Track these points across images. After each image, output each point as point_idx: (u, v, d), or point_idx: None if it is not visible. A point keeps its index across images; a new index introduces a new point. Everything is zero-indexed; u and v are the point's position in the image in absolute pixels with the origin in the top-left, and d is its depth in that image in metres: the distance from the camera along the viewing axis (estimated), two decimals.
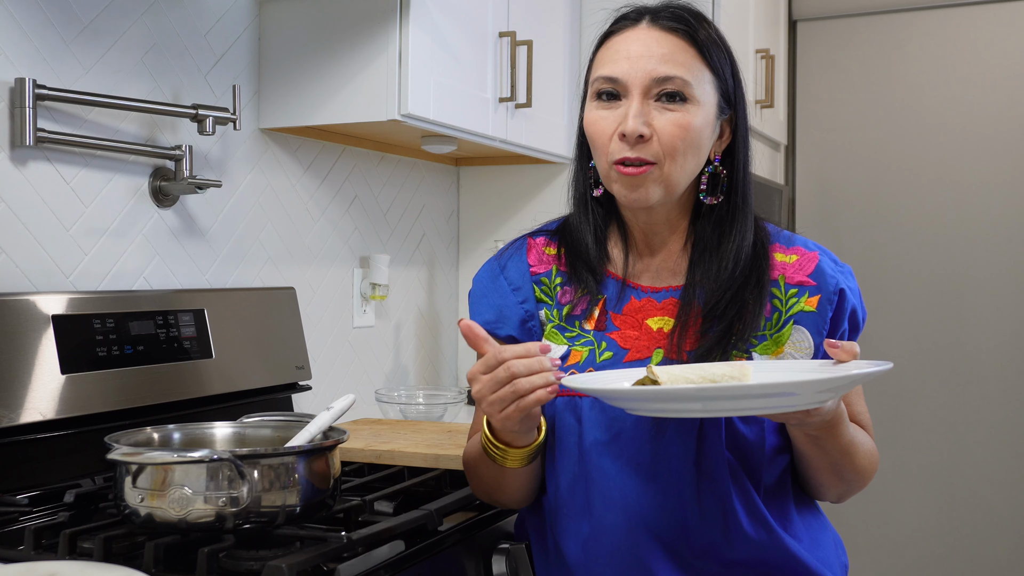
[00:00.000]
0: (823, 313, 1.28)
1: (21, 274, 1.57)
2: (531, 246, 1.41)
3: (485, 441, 1.25)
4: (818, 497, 1.37)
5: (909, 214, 3.38)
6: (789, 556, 1.25)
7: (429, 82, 1.97)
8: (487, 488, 1.34)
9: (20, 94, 1.53)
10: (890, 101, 3.41)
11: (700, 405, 1.07)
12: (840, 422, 1.21)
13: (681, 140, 1.25)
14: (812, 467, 1.29)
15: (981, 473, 3.27)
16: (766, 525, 1.25)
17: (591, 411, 1.27)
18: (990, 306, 3.28)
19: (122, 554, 1.19)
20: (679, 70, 1.26)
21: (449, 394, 2.25)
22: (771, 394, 1.04)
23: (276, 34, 2.03)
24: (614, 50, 1.30)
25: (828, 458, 1.26)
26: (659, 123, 1.25)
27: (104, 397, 1.55)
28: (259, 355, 1.87)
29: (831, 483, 1.31)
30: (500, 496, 1.34)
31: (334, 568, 1.15)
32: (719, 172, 1.33)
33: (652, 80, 1.26)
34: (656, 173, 1.26)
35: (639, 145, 1.25)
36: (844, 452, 1.25)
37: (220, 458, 1.14)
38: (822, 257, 1.33)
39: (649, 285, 1.34)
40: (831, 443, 1.23)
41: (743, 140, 1.34)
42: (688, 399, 1.06)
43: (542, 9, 2.43)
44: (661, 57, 1.26)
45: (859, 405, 1.36)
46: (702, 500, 1.24)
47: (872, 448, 1.33)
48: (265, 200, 2.07)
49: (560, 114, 2.53)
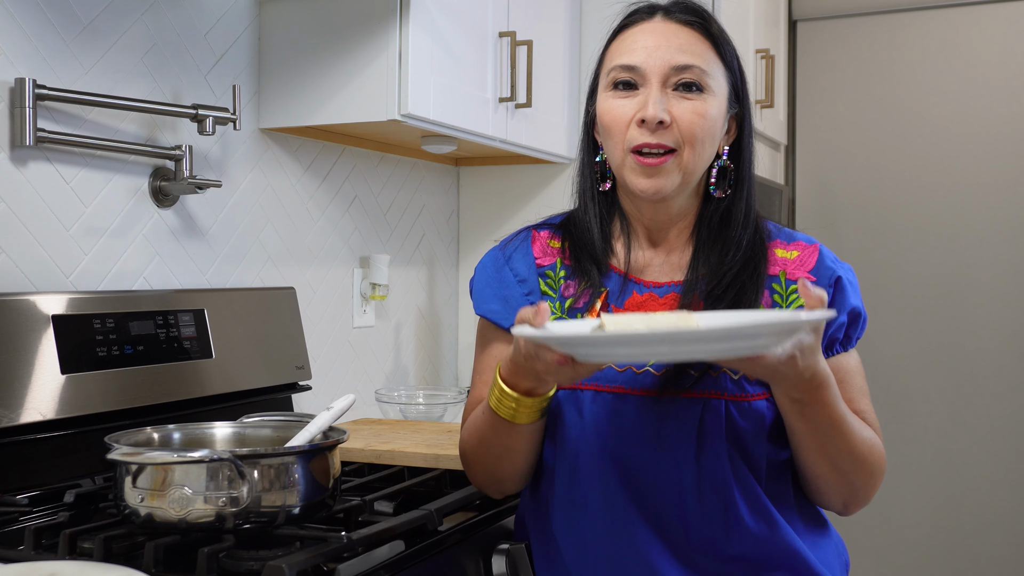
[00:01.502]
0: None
1: (21, 274, 1.57)
2: (535, 238, 1.42)
3: (499, 396, 1.23)
4: (824, 503, 1.32)
5: (909, 214, 3.38)
6: (790, 552, 1.25)
7: (429, 82, 1.97)
8: (491, 462, 1.32)
9: (20, 94, 1.53)
10: (890, 101, 3.41)
11: (641, 349, 1.04)
12: (820, 387, 1.16)
13: (699, 127, 1.27)
14: (805, 450, 1.24)
15: (981, 473, 3.27)
16: (767, 520, 1.25)
17: (592, 404, 1.28)
18: (990, 306, 3.28)
19: (122, 554, 1.19)
20: (696, 59, 1.28)
21: (449, 394, 2.25)
22: (709, 339, 1.02)
23: (276, 34, 2.03)
24: (631, 40, 1.31)
25: (818, 435, 1.21)
26: (678, 111, 1.27)
27: (104, 397, 1.55)
28: (259, 355, 1.87)
29: (830, 477, 1.26)
30: (503, 468, 1.32)
31: (334, 568, 1.15)
32: (727, 166, 1.35)
33: (671, 68, 1.27)
34: (675, 162, 1.27)
35: (659, 131, 1.26)
36: (834, 427, 1.20)
37: (220, 458, 1.14)
38: (823, 250, 1.34)
39: (651, 280, 1.34)
40: (817, 412, 1.18)
41: (749, 135, 1.36)
42: (634, 343, 1.04)
43: (542, 9, 2.43)
44: (679, 47, 1.28)
45: (861, 403, 1.32)
46: (702, 495, 1.24)
47: (874, 440, 1.28)
48: (265, 200, 2.06)
49: (560, 114, 2.53)
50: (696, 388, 1.25)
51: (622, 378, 1.28)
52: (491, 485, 1.37)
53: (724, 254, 1.31)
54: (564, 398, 1.30)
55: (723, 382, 1.25)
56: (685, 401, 1.25)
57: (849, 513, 1.33)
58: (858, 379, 1.33)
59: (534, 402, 1.23)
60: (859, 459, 1.25)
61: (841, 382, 1.28)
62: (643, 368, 1.27)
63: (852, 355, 1.34)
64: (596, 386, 1.29)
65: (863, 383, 1.34)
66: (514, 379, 1.21)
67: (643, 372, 1.27)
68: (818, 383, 1.16)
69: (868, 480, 1.28)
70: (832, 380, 1.18)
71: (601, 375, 1.29)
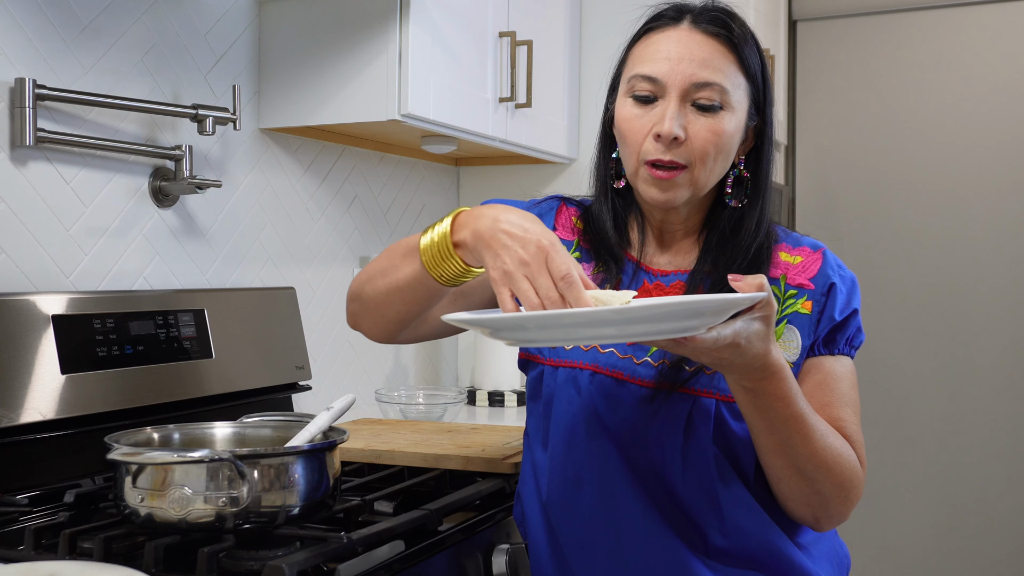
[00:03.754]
0: (814, 314, 1.29)
1: (21, 274, 1.57)
2: (562, 211, 1.43)
3: (440, 240, 1.17)
4: (793, 513, 1.27)
5: (909, 214, 3.38)
6: (776, 551, 1.26)
7: (429, 82, 1.97)
8: (387, 305, 1.27)
9: (20, 94, 1.53)
10: (890, 101, 3.41)
11: (562, 333, 1.02)
12: (772, 376, 1.12)
13: (713, 146, 1.26)
14: (764, 448, 1.20)
15: (981, 473, 3.27)
16: (754, 518, 1.25)
17: (590, 384, 1.30)
18: (990, 305, 3.27)
19: (122, 554, 1.19)
20: (718, 76, 1.26)
21: (449, 394, 2.25)
22: (627, 320, 0.98)
23: (276, 34, 2.03)
24: (654, 48, 1.29)
25: (775, 432, 1.17)
26: (694, 128, 1.25)
27: (104, 397, 1.55)
28: (259, 355, 1.87)
29: (793, 482, 1.21)
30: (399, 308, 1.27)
31: (334, 568, 1.15)
32: (743, 175, 1.34)
33: (691, 84, 1.25)
34: (686, 177, 1.27)
35: (673, 147, 1.25)
36: (791, 424, 1.15)
37: (220, 458, 1.14)
38: (826, 257, 1.33)
39: (660, 269, 1.35)
40: (770, 404, 1.14)
41: (769, 145, 1.34)
42: (550, 326, 1.01)
43: (542, 9, 2.43)
44: (702, 61, 1.26)
45: (841, 411, 1.27)
46: (687, 488, 1.26)
47: (845, 451, 1.22)
48: (265, 200, 2.06)
49: (560, 114, 2.53)
50: (689, 384, 1.26)
51: (622, 364, 1.29)
52: (379, 322, 1.32)
53: (731, 261, 1.30)
54: (563, 377, 1.31)
55: (717, 381, 1.26)
56: (677, 396, 1.26)
57: (822, 528, 1.28)
58: (843, 387, 1.29)
59: (461, 269, 1.17)
60: (823, 466, 1.19)
61: (820, 384, 1.27)
62: (643, 359, 1.29)
63: (841, 361, 1.30)
64: (596, 367, 1.30)
65: (851, 394, 1.29)
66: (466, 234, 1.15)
67: (642, 363, 1.29)
68: (770, 373, 1.11)
69: (838, 492, 1.22)
70: (788, 374, 1.14)
71: (602, 358, 1.30)
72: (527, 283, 1.07)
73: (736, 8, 1.35)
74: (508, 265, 1.08)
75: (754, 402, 1.15)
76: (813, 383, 1.28)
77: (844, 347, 1.30)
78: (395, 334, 1.36)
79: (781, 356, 1.13)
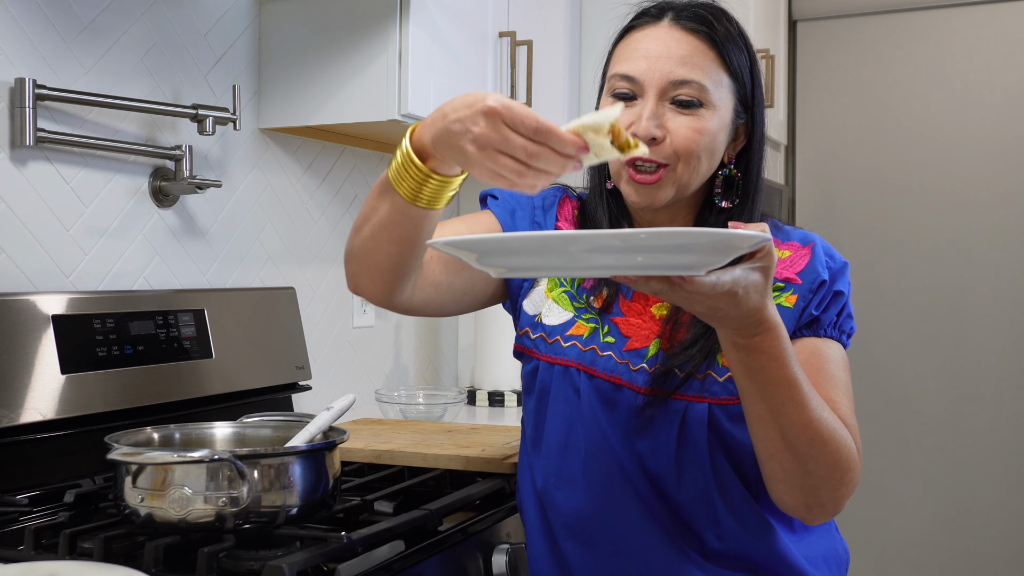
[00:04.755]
0: (797, 308, 1.26)
1: (21, 274, 1.57)
2: (564, 202, 1.42)
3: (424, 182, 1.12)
4: (783, 499, 1.20)
5: (909, 214, 3.38)
6: (775, 554, 1.26)
7: (429, 82, 1.97)
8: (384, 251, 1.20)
9: (20, 94, 1.53)
10: (890, 101, 3.41)
11: (556, 259, 0.96)
12: (767, 332, 1.06)
13: (695, 144, 1.24)
14: (755, 418, 1.15)
15: (981, 473, 3.27)
16: (751, 521, 1.26)
17: (588, 385, 1.30)
18: (990, 306, 3.28)
19: (122, 554, 1.19)
20: (697, 73, 1.24)
21: (449, 394, 2.25)
22: (626, 248, 0.93)
23: (276, 34, 2.03)
24: (632, 47, 1.28)
25: (766, 397, 1.11)
26: (673, 125, 1.24)
27: (104, 397, 1.55)
28: (259, 355, 1.87)
29: (785, 458, 1.15)
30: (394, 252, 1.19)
31: (334, 568, 1.15)
32: (734, 175, 1.32)
33: (668, 83, 1.24)
34: (669, 176, 1.25)
35: (652, 147, 1.24)
36: (785, 388, 1.09)
37: (220, 458, 1.14)
38: (815, 251, 1.30)
39: None
40: (763, 363, 1.08)
41: (759, 144, 1.33)
42: (543, 251, 0.96)
43: (542, 9, 2.43)
44: (680, 59, 1.24)
45: (833, 393, 1.21)
46: (683, 493, 1.26)
47: (840, 429, 1.15)
48: (265, 200, 2.06)
49: (560, 114, 2.52)
50: (681, 391, 1.26)
51: (620, 368, 1.29)
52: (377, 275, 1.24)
53: None
54: (558, 374, 1.31)
55: (708, 385, 1.25)
56: (670, 402, 1.26)
57: (814, 520, 1.21)
58: (832, 367, 1.24)
59: (438, 182, 1.12)
60: (817, 439, 1.12)
61: (806, 364, 1.22)
62: (639, 365, 1.28)
63: (829, 344, 1.26)
64: (592, 369, 1.30)
65: (843, 376, 1.25)
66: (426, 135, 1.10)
67: (639, 369, 1.28)
68: (765, 328, 1.06)
69: (831, 474, 1.15)
70: (783, 333, 1.08)
71: (600, 360, 1.30)
72: (503, 156, 0.99)
73: (730, 7, 1.34)
74: (472, 151, 1.00)
75: (746, 362, 1.09)
76: (799, 362, 1.15)
77: (831, 330, 1.27)
78: (394, 287, 1.25)
79: (777, 314, 1.08)
